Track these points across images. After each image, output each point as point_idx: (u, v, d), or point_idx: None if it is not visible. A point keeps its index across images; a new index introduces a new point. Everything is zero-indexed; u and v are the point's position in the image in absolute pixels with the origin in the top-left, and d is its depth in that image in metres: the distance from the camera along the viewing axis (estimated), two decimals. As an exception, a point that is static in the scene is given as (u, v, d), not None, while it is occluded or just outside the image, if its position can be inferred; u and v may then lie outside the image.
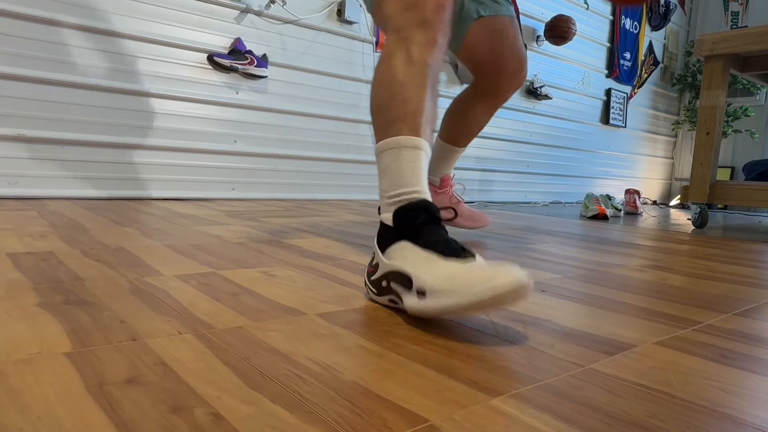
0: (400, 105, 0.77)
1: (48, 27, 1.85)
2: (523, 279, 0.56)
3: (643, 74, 4.47)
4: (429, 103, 0.79)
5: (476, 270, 0.59)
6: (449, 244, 0.65)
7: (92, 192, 1.99)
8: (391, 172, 0.75)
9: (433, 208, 0.70)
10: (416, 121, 0.76)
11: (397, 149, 0.75)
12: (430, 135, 0.79)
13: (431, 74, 0.80)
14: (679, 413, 0.43)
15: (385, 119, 0.78)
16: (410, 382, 0.47)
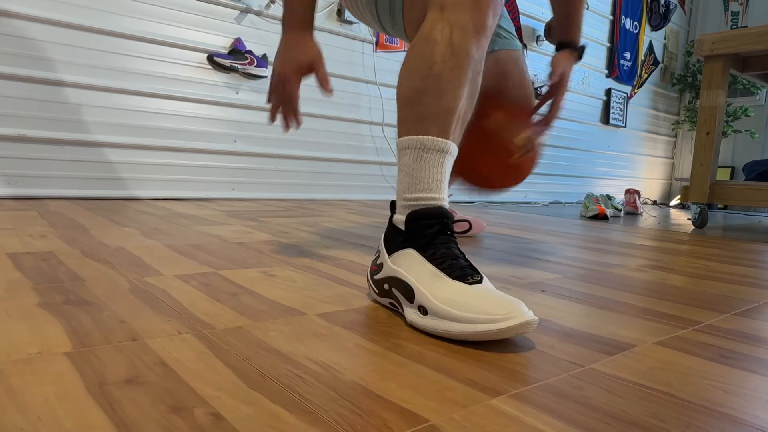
0: (433, 101, 0.70)
1: (48, 27, 1.85)
2: (528, 319, 0.55)
3: (643, 74, 4.47)
4: (465, 100, 0.72)
5: (481, 301, 0.57)
6: (457, 262, 0.63)
7: (92, 192, 1.99)
8: (411, 172, 0.70)
9: (449, 218, 0.68)
10: (447, 120, 0.70)
11: (422, 150, 0.70)
12: (459, 135, 0.74)
13: (473, 67, 0.72)
14: (679, 413, 0.43)
15: (414, 113, 0.71)
16: (410, 382, 0.47)
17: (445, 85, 0.70)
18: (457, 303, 0.58)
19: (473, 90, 0.74)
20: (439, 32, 0.71)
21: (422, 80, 0.71)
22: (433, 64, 0.70)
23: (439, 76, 0.70)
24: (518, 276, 0.98)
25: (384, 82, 2.82)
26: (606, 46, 4.12)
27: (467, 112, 0.74)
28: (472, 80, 0.73)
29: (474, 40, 0.71)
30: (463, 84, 0.71)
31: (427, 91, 0.70)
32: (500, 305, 0.56)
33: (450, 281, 0.61)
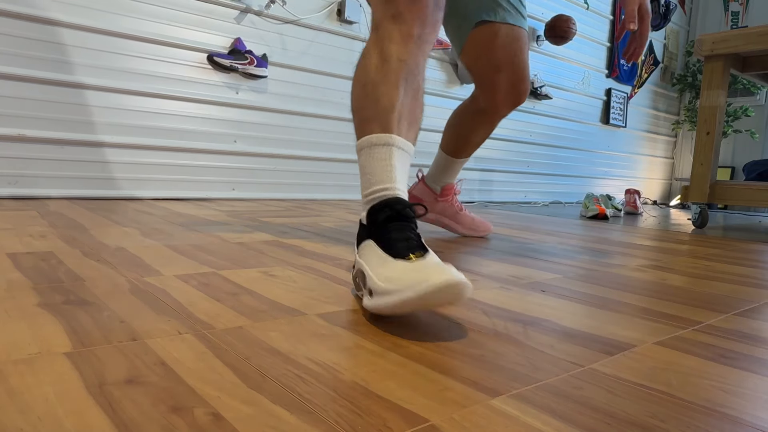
0: (372, 104, 0.78)
1: (48, 27, 1.85)
2: (451, 280, 0.56)
3: (643, 74, 4.47)
4: (404, 98, 0.79)
5: (415, 273, 0.59)
6: (405, 243, 0.66)
7: (92, 192, 1.99)
8: (365, 170, 0.76)
9: (401, 204, 0.71)
10: (387, 117, 0.77)
11: (369, 148, 0.76)
12: (408, 130, 0.79)
13: (406, 70, 0.80)
14: (679, 413, 0.43)
15: (360, 119, 0.80)
16: (410, 382, 0.47)
17: (382, 89, 0.78)
18: (393, 279, 0.60)
19: (413, 90, 0.81)
20: (373, 48, 0.82)
21: (362, 89, 0.80)
22: (369, 74, 0.80)
23: (375, 83, 0.79)
24: (518, 276, 0.98)
25: (384, 82, 2.82)
26: (606, 46, 4.12)
27: (412, 110, 0.81)
28: (407, 82, 0.80)
29: (402, 47, 0.80)
30: (397, 86, 0.79)
31: (367, 98, 0.79)
32: (430, 273, 0.57)
33: (392, 261, 0.64)
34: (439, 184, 1.46)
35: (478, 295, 0.80)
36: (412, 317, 0.67)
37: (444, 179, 1.45)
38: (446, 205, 1.47)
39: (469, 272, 0.99)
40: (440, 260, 0.64)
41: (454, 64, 3.14)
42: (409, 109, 0.80)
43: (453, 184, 1.47)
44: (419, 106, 0.82)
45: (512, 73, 1.27)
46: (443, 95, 3.11)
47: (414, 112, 0.81)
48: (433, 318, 0.67)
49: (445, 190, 1.46)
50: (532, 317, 0.70)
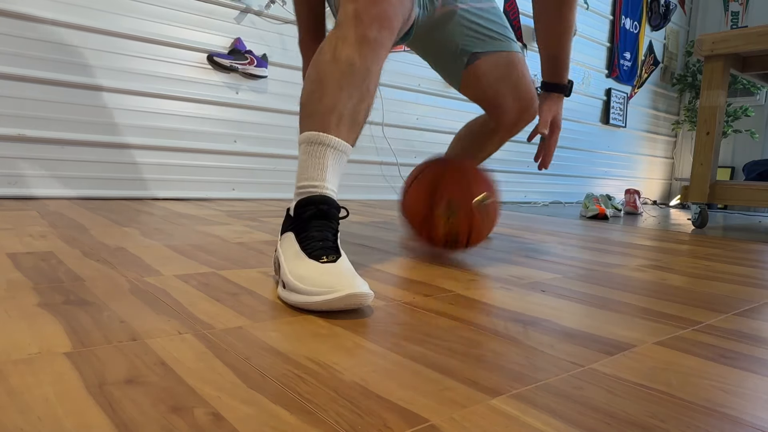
0: (315, 102, 0.81)
1: (48, 27, 1.85)
2: (353, 292, 0.63)
3: (643, 74, 4.47)
4: (348, 101, 0.81)
5: (324, 276, 0.66)
6: (322, 243, 0.73)
7: (92, 192, 1.99)
8: (300, 164, 0.81)
9: (326, 203, 0.76)
10: (326, 118, 0.80)
11: (307, 144, 0.80)
12: (348, 131, 0.82)
13: (355, 74, 0.81)
14: (679, 413, 0.43)
15: (303, 114, 0.83)
16: (410, 382, 0.47)
17: (326, 89, 0.81)
18: (304, 278, 0.67)
19: (360, 94, 0.83)
20: (328, 45, 0.83)
21: (311, 85, 0.83)
22: (319, 72, 0.82)
23: (322, 81, 0.81)
24: (518, 276, 0.98)
25: (384, 82, 2.82)
26: (606, 46, 4.12)
27: (356, 113, 0.83)
28: (355, 85, 0.82)
29: (355, 50, 0.82)
30: (342, 88, 0.81)
31: (313, 94, 0.82)
32: (337, 281, 0.65)
33: (307, 260, 0.70)
34: None
35: (478, 295, 0.80)
36: (413, 317, 0.67)
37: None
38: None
39: (470, 272, 0.99)
40: (350, 266, 0.71)
41: (454, 64, 3.14)
42: (352, 112, 0.82)
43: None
44: (364, 109, 0.85)
45: (518, 100, 1.27)
46: (443, 95, 3.11)
47: (357, 114, 0.83)
48: (433, 318, 0.67)
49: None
50: (532, 317, 0.70)
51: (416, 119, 2.99)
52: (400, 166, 2.95)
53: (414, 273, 0.95)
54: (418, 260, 1.08)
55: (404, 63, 2.90)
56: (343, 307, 0.65)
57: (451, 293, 0.81)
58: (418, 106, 3.00)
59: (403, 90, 2.92)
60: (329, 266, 0.69)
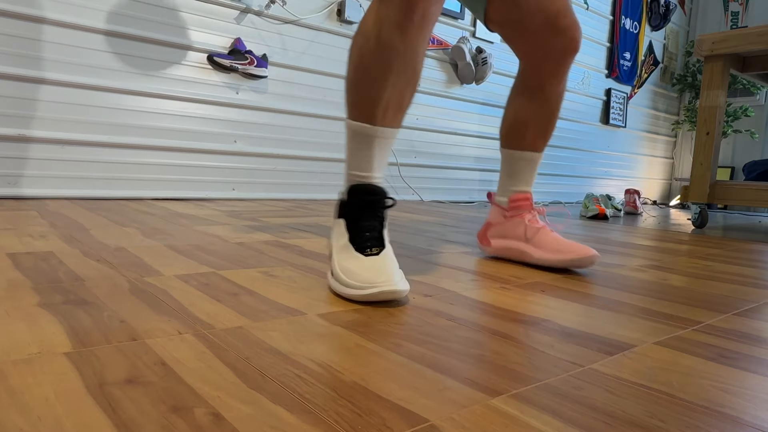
0: (360, 90, 0.82)
1: (48, 27, 1.85)
2: (388, 289, 0.70)
3: (643, 74, 4.47)
4: (394, 88, 0.81)
5: (365, 270, 0.73)
6: (367, 234, 0.78)
7: (92, 192, 1.99)
8: (349, 151, 0.84)
9: (373, 193, 0.81)
10: (372, 108, 0.81)
11: (352, 133, 0.83)
12: (394, 116, 0.84)
13: (400, 58, 0.79)
14: (679, 413, 0.43)
15: (350, 99, 0.84)
16: (410, 382, 0.47)
17: (371, 77, 0.80)
18: (350, 271, 0.74)
19: (405, 78, 0.81)
20: (371, 26, 0.80)
21: (354, 71, 0.82)
22: (362, 57, 0.81)
23: (366, 69, 0.80)
24: (518, 276, 0.98)
25: (384, 82, 2.82)
26: (606, 46, 4.12)
27: (401, 98, 0.83)
28: (401, 71, 0.80)
29: (400, 33, 0.78)
30: (387, 76, 0.80)
31: (358, 82, 0.82)
32: (377, 275, 0.72)
33: (354, 253, 0.77)
34: (506, 194, 1.13)
35: (478, 295, 0.80)
36: (413, 317, 0.67)
37: (509, 186, 1.13)
38: (516, 224, 1.10)
39: (470, 272, 0.99)
40: (392, 258, 0.78)
41: (454, 64, 3.14)
42: (397, 98, 0.82)
43: (526, 194, 1.12)
44: (410, 92, 0.84)
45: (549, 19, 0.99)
46: (443, 95, 3.11)
47: (402, 99, 0.83)
48: (434, 318, 0.67)
49: (514, 203, 1.11)
50: (532, 317, 0.70)
51: (416, 119, 2.99)
52: (400, 166, 2.95)
53: (414, 273, 0.95)
54: (418, 260, 1.08)
55: (404, 63, 2.90)
56: (381, 299, 0.71)
57: (451, 293, 0.81)
58: (418, 106, 3.00)
59: (403, 90, 2.91)
60: (372, 260, 0.75)
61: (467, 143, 3.28)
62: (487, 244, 1.16)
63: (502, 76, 3.41)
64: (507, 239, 1.12)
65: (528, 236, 1.08)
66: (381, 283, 0.70)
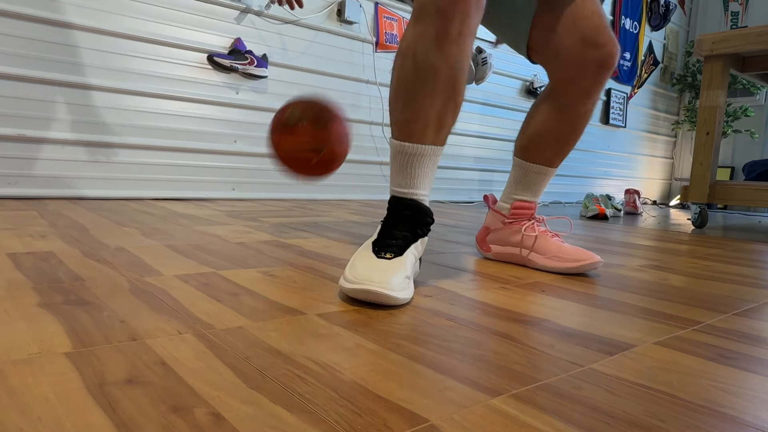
0: (400, 111, 0.83)
1: (48, 27, 1.85)
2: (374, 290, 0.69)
3: (643, 74, 4.47)
4: (432, 107, 0.81)
5: (365, 269, 0.74)
6: (390, 241, 0.80)
7: (92, 192, 1.99)
8: (393, 169, 0.87)
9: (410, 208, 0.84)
10: (411, 128, 0.82)
11: (394, 151, 0.85)
12: (436, 134, 0.83)
13: (439, 77, 0.79)
14: (679, 413, 0.43)
15: (390, 119, 0.86)
16: (410, 382, 0.47)
17: (409, 97, 0.81)
18: (354, 266, 0.76)
19: (445, 96, 0.81)
20: (407, 46, 0.80)
21: (394, 91, 0.84)
22: (400, 76, 0.82)
23: (405, 89, 0.81)
24: (518, 276, 0.98)
25: (384, 82, 2.82)
26: (606, 46, 4.11)
27: (442, 116, 0.83)
28: (439, 90, 0.80)
29: (436, 51, 0.78)
30: (424, 96, 0.80)
31: (397, 102, 0.83)
32: (371, 275, 0.72)
33: (369, 251, 0.79)
34: (509, 201, 1.12)
35: (478, 295, 0.80)
36: (413, 317, 0.67)
37: (514, 194, 1.12)
38: (514, 231, 1.09)
39: (470, 272, 0.99)
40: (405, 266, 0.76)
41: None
42: (437, 116, 0.82)
43: (531, 204, 1.10)
44: (453, 108, 0.84)
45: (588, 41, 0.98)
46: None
47: (444, 117, 0.83)
48: (434, 318, 0.67)
49: (516, 210, 1.10)
50: (532, 317, 0.70)
51: (416, 119, 2.99)
52: (400, 166, 2.95)
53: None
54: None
55: (404, 63, 2.90)
56: (367, 299, 0.70)
57: (451, 293, 0.81)
58: (418, 106, 2.99)
59: (403, 90, 2.91)
60: (380, 262, 0.76)
61: (467, 143, 3.28)
62: (487, 249, 1.16)
63: (502, 76, 3.41)
64: (506, 246, 1.12)
65: (527, 245, 1.08)
66: (373, 283, 0.69)
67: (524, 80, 3.55)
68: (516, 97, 3.52)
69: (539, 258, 1.05)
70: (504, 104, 3.44)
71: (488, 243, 1.16)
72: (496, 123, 3.41)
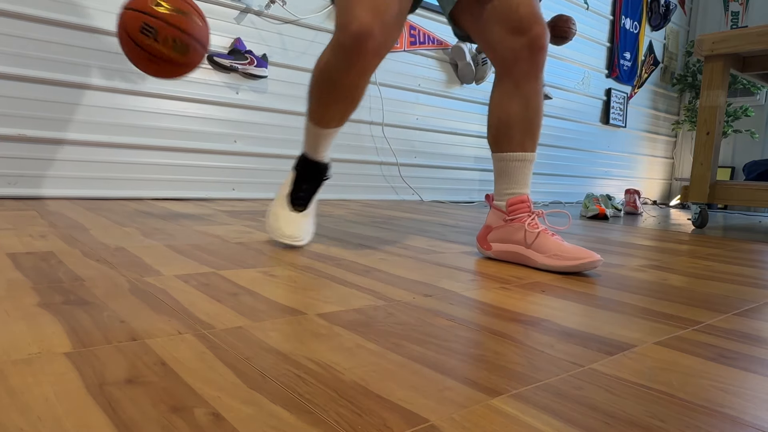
0: (315, 106, 1.11)
1: (48, 27, 1.85)
2: (286, 237, 1.10)
3: (643, 74, 4.47)
4: (338, 107, 1.08)
5: (280, 220, 1.13)
6: (301, 194, 1.17)
7: (92, 192, 1.99)
8: (306, 138, 1.18)
9: (320, 169, 1.19)
10: (321, 118, 1.11)
11: (308, 129, 1.16)
12: (339, 121, 1.12)
13: (344, 91, 1.05)
14: (679, 413, 0.43)
15: (309, 106, 1.12)
16: (410, 382, 0.47)
17: (323, 100, 1.09)
18: (277, 218, 1.14)
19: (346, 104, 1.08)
20: (324, 63, 1.04)
21: (312, 91, 1.10)
22: (316, 86, 1.08)
23: (319, 94, 1.09)
24: (518, 276, 0.98)
25: (384, 82, 2.82)
26: (606, 46, 4.12)
27: (344, 113, 1.11)
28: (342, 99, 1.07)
29: (343, 75, 1.01)
30: (332, 102, 1.08)
31: (312, 98, 1.11)
32: (284, 227, 1.12)
33: (285, 205, 1.17)
34: (503, 198, 1.15)
35: (478, 295, 0.81)
36: (413, 317, 0.67)
37: (505, 190, 1.14)
38: (516, 228, 1.10)
39: (470, 272, 0.99)
40: (311, 217, 1.18)
41: (454, 64, 3.14)
42: (341, 113, 1.10)
43: (523, 196, 1.14)
44: (351, 107, 1.10)
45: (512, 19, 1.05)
46: (443, 95, 3.11)
47: (344, 113, 1.11)
48: (434, 318, 0.67)
49: (512, 206, 1.13)
50: (532, 317, 0.70)
51: (416, 119, 2.99)
52: (400, 166, 2.95)
53: (414, 273, 0.95)
54: (418, 260, 1.08)
55: (404, 63, 2.90)
56: (281, 243, 1.13)
57: (451, 293, 0.81)
58: (418, 106, 3.00)
59: (403, 90, 2.92)
60: (294, 216, 1.15)
61: (467, 143, 3.28)
62: (488, 248, 1.17)
63: (502, 76, 3.40)
64: (507, 243, 1.12)
65: (528, 241, 1.08)
66: (285, 236, 1.10)
67: (524, 80, 3.54)
68: (516, 97, 3.51)
69: (539, 256, 1.05)
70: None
71: (489, 241, 1.16)
72: (496, 123, 3.40)
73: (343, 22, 0.95)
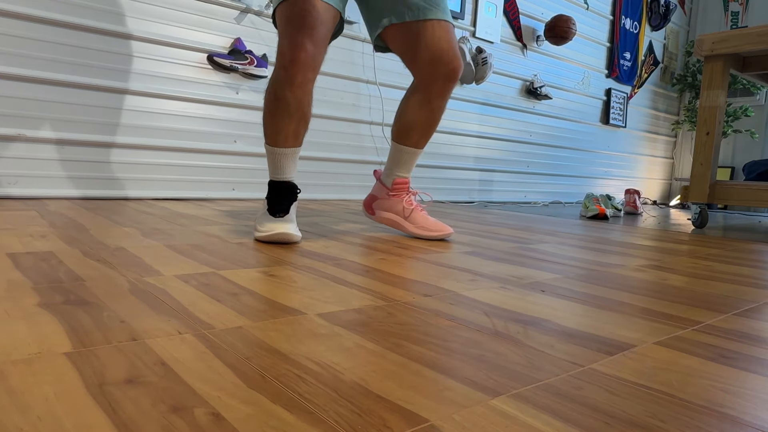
0: (269, 126, 1.23)
1: (48, 27, 1.85)
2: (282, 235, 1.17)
3: (643, 74, 4.47)
4: (289, 125, 1.21)
5: (270, 224, 1.19)
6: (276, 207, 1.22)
7: (92, 192, 1.99)
8: (269, 162, 1.26)
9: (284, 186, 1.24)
10: (277, 137, 1.23)
11: (268, 152, 1.26)
12: (294, 140, 1.24)
13: (291, 106, 1.19)
14: (679, 413, 0.43)
15: (265, 129, 1.25)
16: (410, 382, 0.47)
17: (274, 119, 1.22)
18: (262, 223, 1.21)
19: (297, 119, 1.22)
20: (271, 84, 1.20)
21: (265, 114, 1.24)
22: (267, 105, 1.22)
23: (270, 113, 1.22)
24: (518, 276, 0.98)
25: (384, 82, 2.82)
26: (606, 46, 4.12)
27: (296, 130, 1.24)
28: (292, 115, 1.21)
29: (288, 92, 1.18)
30: (283, 118, 1.21)
31: (266, 120, 1.24)
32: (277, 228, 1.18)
33: (268, 216, 1.22)
34: (390, 177, 1.45)
35: (478, 295, 0.81)
36: (413, 317, 0.67)
37: (394, 171, 1.44)
38: (396, 202, 1.43)
39: (469, 272, 0.99)
40: (292, 221, 1.22)
41: (454, 64, 3.14)
42: (294, 130, 1.23)
43: (406, 179, 1.44)
44: (303, 126, 1.24)
45: (430, 59, 1.28)
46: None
47: (297, 130, 1.23)
48: (434, 318, 0.67)
49: (396, 185, 1.43)
50: (532, 317, 0.70)
51: (416, 119, 2.99)
52: (400, 166, 2.95)
53: (414, 273, 0.95)
54: (418, 260, 1.08)
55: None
56: (274, 240, 1.18)
57: (451, 293, 0.81)
58: (418, 106, 2.99)
59: (403, 90, 2.91)
60: (277, 220, 1.20)
61: (467, 143, 3.28)
62: (372, 212, 1.49)
63: (502, 76, 3.41)
64: (389, 213, 1.45)
65: (405, 214, 1.42)
66: (278, 233, 1.16)
67: (524, 80, 3.55)
68: (516, 97, 3.52)
69: (410, 226, 1.41)
70: (504, 104, 3.44)
71: (373, 208, 1.49)
72: (496, 123, 3.41)
73: (281, 42, 1.16)
